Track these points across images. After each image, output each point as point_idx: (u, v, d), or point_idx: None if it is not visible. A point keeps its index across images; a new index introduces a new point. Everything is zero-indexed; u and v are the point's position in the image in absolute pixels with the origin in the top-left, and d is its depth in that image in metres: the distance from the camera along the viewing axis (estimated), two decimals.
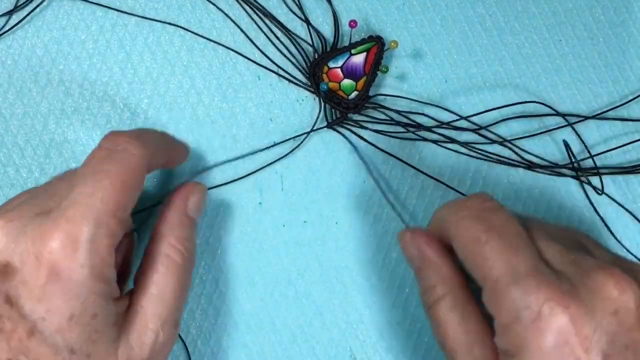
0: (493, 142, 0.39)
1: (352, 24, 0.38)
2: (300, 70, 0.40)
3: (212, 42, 0.40)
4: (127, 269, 0.33)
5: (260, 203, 0.40)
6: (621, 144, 0.39)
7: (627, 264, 0.30)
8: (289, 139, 0.40)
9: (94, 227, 0.27)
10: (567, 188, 0.40)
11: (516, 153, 0.39)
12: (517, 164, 0.39)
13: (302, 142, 0.40)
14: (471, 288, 0.32)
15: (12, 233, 0.27)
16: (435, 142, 0.40)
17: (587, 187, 0.39)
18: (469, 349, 0.30)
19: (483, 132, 0.40)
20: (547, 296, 0.26)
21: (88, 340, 0.27)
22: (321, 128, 0.40)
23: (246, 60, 0.40)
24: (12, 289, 0.27)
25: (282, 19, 0.40)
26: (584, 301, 0.27)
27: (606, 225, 0.39)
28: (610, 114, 0.40)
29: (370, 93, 0.39)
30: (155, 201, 0.39)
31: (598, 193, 0.38)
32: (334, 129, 0.40)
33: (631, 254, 0.40)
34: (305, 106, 0.40)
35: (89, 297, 0.27)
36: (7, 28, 0.40)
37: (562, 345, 0.26)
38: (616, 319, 0.27)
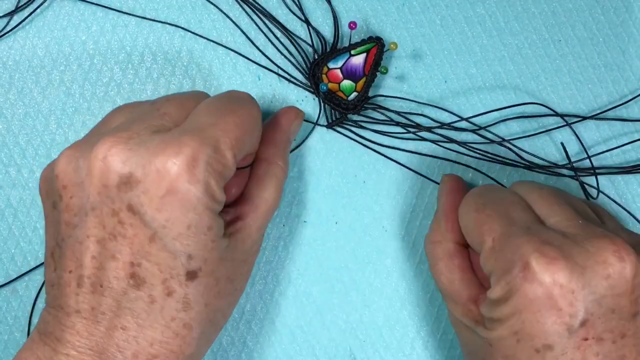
0: (492, 142, 0.39)
1: (352, 25, 0.38)
2: (300, 71, 0.40)
3: (212, 43, 0.40)
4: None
5: None
6: (620, 144, 0.39)
7: (637, 238, 0.31)
8: (305, 138, 0.40)
9: (213, 151, 0.29)
10: (566, 188, 0.40)
11: (515, 153, 0.39)
12: (517, 164, 0.39)
13: (302, 142, 0.40)
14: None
15: (135, 148, 0.29)
16: (434, 142, 0.40)
17: (586, 187, 0.39)
18: (449, 290, 0.34)
19: (482, 132, 0.40)
20: (535, 248, 0.29)
21: (204, 248, 0.29)
22: (321, 126, 0.40)
23: (246, 60, 0.40)
24: (135, 198, 0.28)
25: (282, 20, 0.40)
26: (575, 259, 0.28)
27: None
28: (610, 114, 0.40)
29: (370, 94, 0.39)
30: None
31: (593, 197, 0.38)
32: (334, 129, 0.40)
33: None
34: (305, 106, 0.40)
35: (205, 212, 0.29)
36: (8, 29, 0.40)
37: (546, 295, 0.28)
38: (607, 283, 0.28)
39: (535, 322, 0.28)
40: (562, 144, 0.38)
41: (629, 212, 0.40)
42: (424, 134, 0.39)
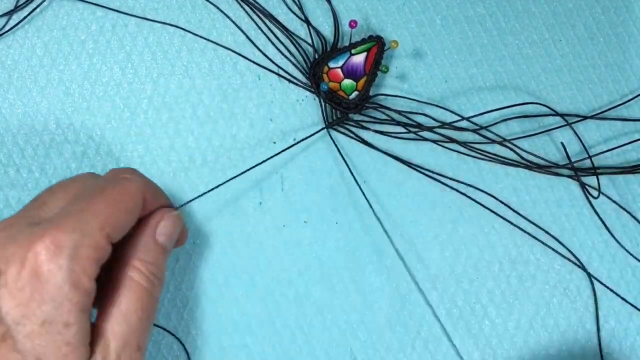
0: (493, 142, 0.39)
1: (352, 24, 0.38)
2: (300, 71, 0.40)
3: (212, 43, 0.40)
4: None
5: (260, 203, 0.40)
6: (621, 144, 0.39)
7: None
8: (306, 138, 0.40)
9: (80, 235, 0.28)
10: (567, 188, 0.40)
11: (516, 153, 0.39)
12: (517, 164, 0.39)
13: (302, 141, 0.40)
14: None
15: (2, 242, 0.28)
16: (435, 142, 0.40)
17: (586, 187, 0.39)
18: None
19: (483, 132, 0.40)
20: None
21: (57, 352, 0.27)
22: (323, 129, 0.40)
23: (246, 60, 0.40)
24: None
25: (282, 19, 0.40)
26: None
27: (605, 225, 0.40)
28: (610, 113, 0.40)
29: (371, 93, 0.39)
30: None
31: (593, 197, 0.38)
32: (335, 129, 0.40)
33: (631, 254, 0.40)
34: (305, 106, 0.40)
35: (64, 304, 0.27)
36: (7, 28, 0.40)
37: None
38: None
39: None
40: (562, 143, 0.38)
41: (629, 213, 0.40)
42: (425, 133, 0.39)
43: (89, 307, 0.28)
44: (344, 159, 0.40)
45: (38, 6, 0.40)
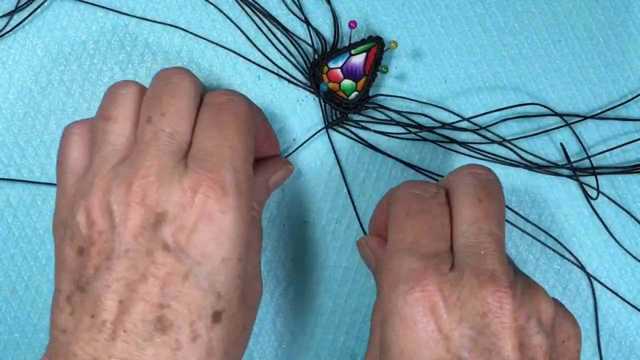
0: (493, 142, 0.39)
1: (352, 24, 0.38)
2: (300, 71, 0.40)
3: (212, 43, 0.40)
4: None
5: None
6: (620, 144, 0.39)
7: (527, 281, 0.30)
8: (309, 138, 0.40)
9: (234, 172, 0.29)
10: (566, 188, 0.40)
11: (516, 153, 0.39)
12: (516, 164, 0.39)
13: (304, 141, 0.40)
14: None
15: (166, 184, 0.29)
16: (435, 142, 0.40)
17: (585, 187, 0.39)
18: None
19: (483, 132, 0.40)
20: (421, 279, 0.28)
21: (232, 285, 0.29)
22: (323, 129, 0.40)
23: (246, 60, 0.40)
24: (169, 237, 0.28)
25: (281, 20, 0.40)
26: (456, 293, 0.28)
27: (604, 225, 0.40)
28: (610, 114, 0.40)
29: (370, 93, 0.39)
30: None
31: (592, 198, 0.38)
32: (334, 129, 0.40)
33: (630, 254, 0.40)
34: (305, 106, 0.40)
35: (238, 240, 0.29)
36: (8, 29, 0.40)
37: (422, 327, 0.28)
38: (482, 322, 0.28)
39: (413, 353, 0.28)
40: (561, 144, 0.38)
41: (628, 213, 0.40)
42: (424, 134, 0.39)
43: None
44: (339, 162, 0.40)
45: (39, 7, 0.40)
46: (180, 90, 0.32)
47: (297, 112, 0.40)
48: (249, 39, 0.40)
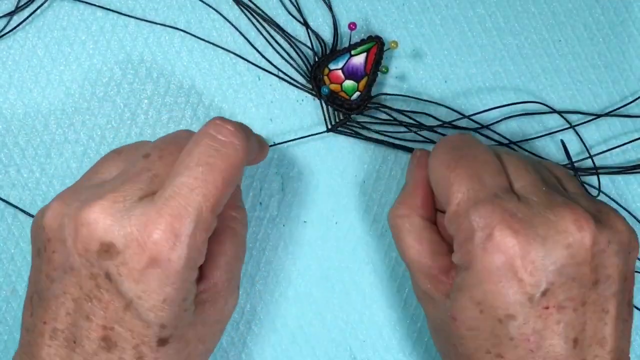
0: (495, 141, 0.39)
1: (352, 26, 0.38)
2: (301, 74, 0.40)
3: (212, 44, 0.40)
4: None
5: (260, 203, 0.40)
6: (620, 144, 0.39)
7: (598, 206, 0.32)
8: (309, 134, 0.40)
9: (195, 222, 0.28)
10: None
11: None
12: None
13: (298, 139, 0.40)
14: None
15: (117, 215, 0.29)
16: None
17: (585, 186, 0.39)
18: (419, 263, 0.34)
19: (484, 131, 0.40)
20: (500, 219, 0.29)
21: (177, 318, 0.29)
22: (324, 132, 0.40)
23: (246, 61, 0.40)
24: (113, 267, 0.28)
25: (281, 22, 0.40)
26: (537, 229, 0.29)
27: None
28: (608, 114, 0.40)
29: (372, 93, 0.39)
30: None
31: (593, 195, 0.38)
32: (337, 131, 0.40)
33: None
34: (305, 106, 0.40)
35: (182, 285, 0.29)
36: (8, 29, 0.40)
37: (506, 266, 0.28)
38: (568, 252, 0.29)
39: (497, 293, 0.29)
40: (562, 141, 0.38)
41: (629, 212, 0.40)
42: (426, 133, 0.39)
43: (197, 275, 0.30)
44: (339, 163, 0.40)
45: (39, 7, 0.40)
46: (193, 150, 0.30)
47: (297, 112, 0.40)
48: (249, 42, 0.40)
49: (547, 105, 0.39)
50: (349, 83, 0.38)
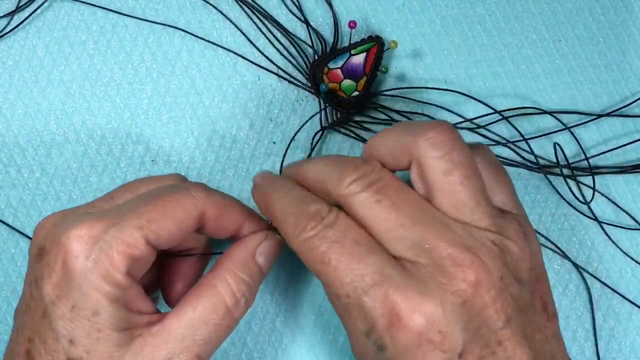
0: (494, 141, 0.39)
1: (352, 24, 0.38)
2: (300, 72, 0.40)
3: (212, 44, 0.40)
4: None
5: None
6: (620, 145, 0.39)
7: (508, 219, 0.30)
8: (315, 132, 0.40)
9: (115, 230, 0.28)
10: (566, 188, 0.40)
11: (516, 152, 0.39)
12: (516, 164, 0.39)
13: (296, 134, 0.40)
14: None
15: (59, 224, 0.30)
16: None
17: (583, 187, 0.39)
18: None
19: (482, 131, 0.40)
20: (399, 300, 0.27)
21: (87, 337, 0.28)
22: (323, 129, 0.40)
23: (246, 60, 0.40)
24: (39, 271, 0.29)
25: (282, 20, 0.40)
26: (434, 298, 0.27)
27: (602, 226, 0.39)
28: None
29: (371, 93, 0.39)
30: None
31: (583, 202, 0.38)
32: (335, 130, 0.40)
33: (629, 256, 0.40)
34: (305, 106, 0.40)
35: (92, 293, 0.28)
36: (8, 29, 0.40)
37: (419, 339, 0.27)
38: (466, 309, 0.27)
39: None
40: (555, 144, 0.38)
41: (627, 213, 0.40)
42: None
43: (125, 299, 0.29)
44: None
45: (39, 7, 0.40)
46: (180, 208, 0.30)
47: (297, 112, 0.40)
48: (249, 40, 0.40)
49: (546, 111, 0.39)
50: (347, 82, 0.38)
